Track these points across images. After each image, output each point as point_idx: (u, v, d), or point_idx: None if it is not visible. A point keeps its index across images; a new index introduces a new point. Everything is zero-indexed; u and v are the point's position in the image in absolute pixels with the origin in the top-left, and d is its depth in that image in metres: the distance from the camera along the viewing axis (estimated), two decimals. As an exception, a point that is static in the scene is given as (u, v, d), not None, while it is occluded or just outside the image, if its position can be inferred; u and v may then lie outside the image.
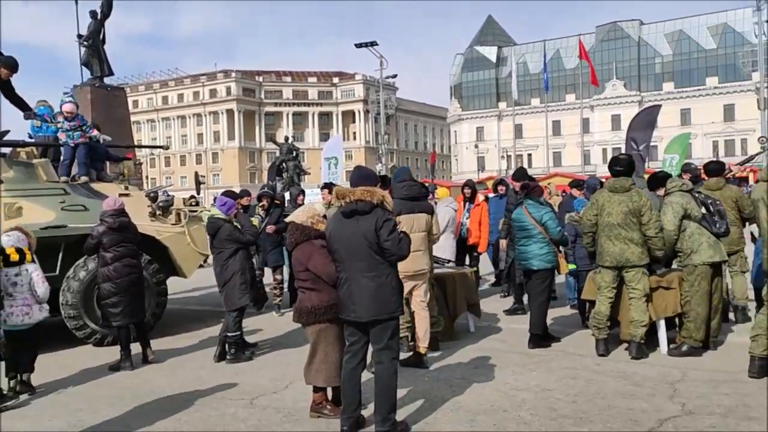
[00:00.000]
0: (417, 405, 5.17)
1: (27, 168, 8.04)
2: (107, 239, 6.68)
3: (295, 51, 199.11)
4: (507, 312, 8.74)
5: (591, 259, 6.92)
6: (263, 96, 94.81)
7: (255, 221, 8.09)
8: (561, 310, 8.91)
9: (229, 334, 6.83)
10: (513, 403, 5.11)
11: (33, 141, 8.79)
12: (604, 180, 7.43)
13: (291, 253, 5.14)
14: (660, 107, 17.40)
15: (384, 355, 4.52)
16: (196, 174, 10.12)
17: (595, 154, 71.21)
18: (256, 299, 7.28)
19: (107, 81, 17.28)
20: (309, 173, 37.18)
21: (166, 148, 14.75)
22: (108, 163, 10.21)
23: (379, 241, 4.39)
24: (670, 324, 6.61)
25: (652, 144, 25.00)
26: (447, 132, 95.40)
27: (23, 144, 8.64)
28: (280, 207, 9.50)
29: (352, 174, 4.66)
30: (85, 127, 8.71)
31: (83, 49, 16.37)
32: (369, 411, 4.74)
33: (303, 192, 10.74)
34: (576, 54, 52.43)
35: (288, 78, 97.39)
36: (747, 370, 5.57)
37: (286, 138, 38.83)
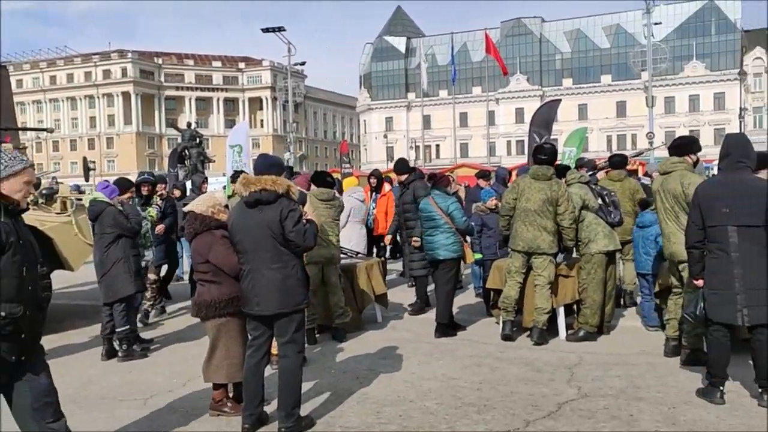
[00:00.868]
0: (322, 398, 5.09)
1: None
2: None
3: (199, 33, 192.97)
4: (412, 313, 8.20)
5: (501, 246, 7.06)
6: (163, 79, 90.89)
7: (153, 212, 7.69)
8: (466, 298, 9.08)
9: (118, 329, 6.44)
10: (419, 393, 5.12)
11: None
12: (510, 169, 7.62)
13: (190, 244, 4.91)
14: (560, 102, 18.03)
15: (289, 349, 4.40)
16: (84, 159, 9.53)
17: (500, 145, 73.32)
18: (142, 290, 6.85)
19: (-14, 58, 15.97)
20: (213, 161, 36.11)
21: (50, 131, 13.82)
22: (-16, 147, 9.40)
23: (284, 232, 4.26)
24: (567, 310, 6.85)
25: (552, 137, 25.94)
26: (356, 121, 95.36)
27: None
28: (169, 199, 8.98)
29: (256, 162, 4.50)
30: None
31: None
32: (272, 407, 4.62)
33: (207, 180, 10.38)
34: (482, 47, 53.58)
35: (190, 61, 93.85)
36: (640, 351, 5.98)
37: (188, 124, 37.45)
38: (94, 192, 6.65)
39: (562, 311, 6.71)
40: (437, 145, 77.40)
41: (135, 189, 7.32)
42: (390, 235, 8.84)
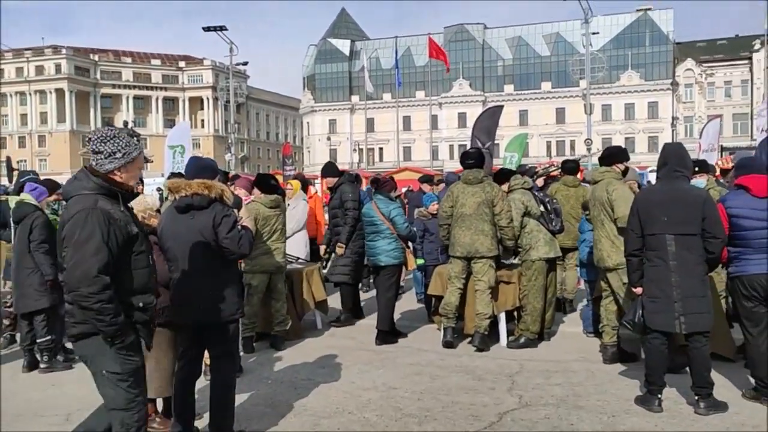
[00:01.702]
0: (258, 411, 4.90)
1: None
2: None
3: (137, 31, 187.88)
4: (337, 324, 7.71)
5: (443, 252, 6.98)
6: (99, 76, 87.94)
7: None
8: (407, 304, 8.99)
9: (39, 339, 6.06)
10: (358, 404, 4.98)
11: None
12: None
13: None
14: (503, 107, 18.22)
15: (222, 362, 4.21)
16: (8, 159, 9.01)
17: (443, 149, 73.94)
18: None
19: None
20: (151, 161, 35.28)
21: None
22: None
23: (218, 239, 4.06)
24: (508, 317, 6.84)
25: (494, 143, 26.21)
26: (299, 123, 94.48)
27: None
28: None
29: (187, 165, 4.28)
30: None
31: None
32: (204, 421, 4.40)
33: (142, 181, 9.96)
34: (426, 52, 53.90)
35: (128, 59, 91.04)
36: (579, 358, 6.02)
37: (125, 123, 36.68)
38: (22, 194, 6.24)
39: (503, 317, 6.69)
40: (380, 149, 77.46)
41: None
42: (324, 245, 8.35)
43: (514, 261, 6.81)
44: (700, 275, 4.51)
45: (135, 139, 3.34)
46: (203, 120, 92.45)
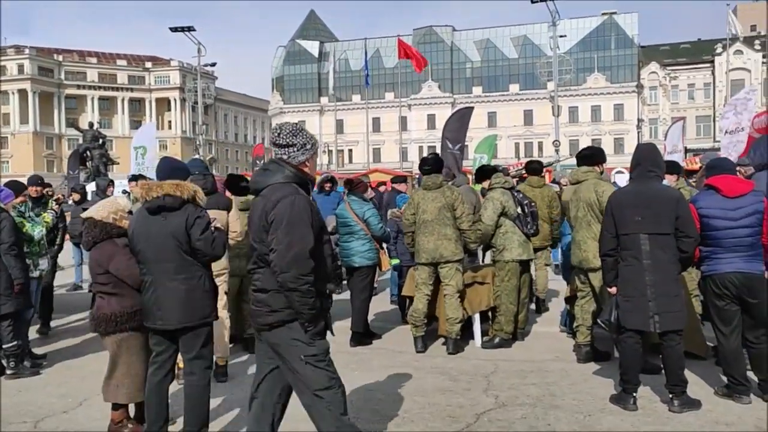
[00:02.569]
0: (232, 416, 4.82)
1: None
2: None
3: (102, 30, 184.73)
4: None
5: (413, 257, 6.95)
6: (64, 77, 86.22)
7: (48, 217, 7.12)
8: (381, 305, 8.95)
9: (5, 345, 5.88)
10: (334, 407, 4.92)
11: None
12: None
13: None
14: (473, 109, 18.32)
15: (196, 365, 4.11)
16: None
17: (413, 151, 74.12)
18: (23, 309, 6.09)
19: None
20: (118, 163, 34.61)
21: None
22: None
23: (191, 241, 3.97)
24: (483, 317, 6.85)
25: (464, 144, 26.38)
26: (268, 124, 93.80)
27: None
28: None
29: (159, 165, 4.18)
30: None
31: None
32: (178, 426, 4.30)
33: (112, 182, 9.79)
34: (395, 54, 53.98)
35: (93, 59, 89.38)
36: (554, 357, 6.05)
37: (90, 124, 35.84)
38: None
39: (477, 318, 6.69)
40: (350, 150, 77.37)
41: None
42: None
43: (478, 262, 6.80)
44: (673, 274, 4.56)
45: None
46: (170, 121, 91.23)
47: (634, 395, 4.66)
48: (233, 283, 6.27)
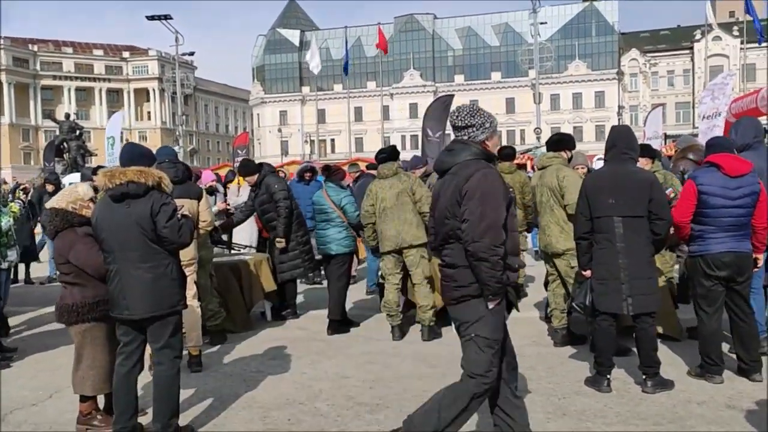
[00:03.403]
0: (205, 405, 4.75)
1: None
2: None
3: (78, 20, 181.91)
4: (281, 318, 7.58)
5: (375, 253, 6.77)
6: (39, 67, 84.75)
7: (15, 207, 6.98)
8: (359, 293, 8.91)
9: None
10: (309, 395, 4.88)
11: None
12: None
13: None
14: (453, 96, 18.25)
15: (164, 355, 4.03)
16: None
17: (395, 140, 73.93)
18: None
19: None
20: (96, 154, 34.18)
21: None
22: None
23: (156, 229, 3.88)
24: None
25: (446, 132, 26.33)
26: (250, 115, 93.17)
27: None
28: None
29: (122, 151, 4.08)
30: None
31: None
32: (149, 417, 4.23)
33: (96, 172, 9.57)
34: (376, 42, 53.74)
35: (69, 49, 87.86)
36: (531, 342, 6.07)
37: (66, 115, 35.26)
38: None
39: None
40: (332, 140, 77.09)
41: None
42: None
43: None
44: (646, 257, 4.54)
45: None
46: (149, 112, 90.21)
47: (608, 377, 4.65)
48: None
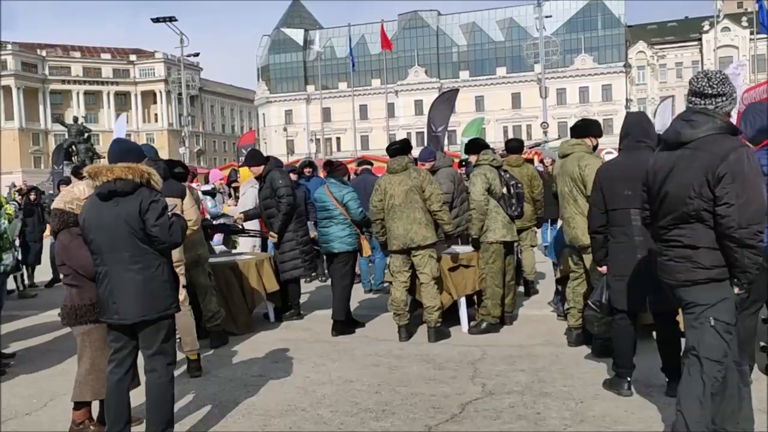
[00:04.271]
0: (203, 412, 4.53)
1: None
2: None
3: (85, 24, 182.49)
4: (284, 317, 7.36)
5: (384, 249, 6.55)
6: (48, 72, 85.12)
7: (10, 208, 6.80)
8: (365, 292, 8.69)
9: None
10: (312, 400, 4.66)
11: None
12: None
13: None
14: (458, 91, 18.06)
15: (157, 362, 3.82)
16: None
17: (401, 137, 73.28)
18: None
19: None
20: (104, 157, 34.05)
21: None
22: None
23: (146, 227, 3.66)
24: (469, 302, 6.58)
25: (450, 129, 26.08)
26: (255, 114, 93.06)
27: None
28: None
29: (109, 148, 3.86)
30: None
31: None
32: (144, 426, 4.02)
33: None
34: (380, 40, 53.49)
35: (77, 53, 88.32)
36: (543, 342, 5.80)
37: (75, 118, 35.45)
38: None
39: (463, 302, 6.42)
40: (338, 138, 76.89)
41: None
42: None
43: (457, 249, 6.53)
44: (667, 251, 4.27)
45: None
46: (156, 114, 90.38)
47: (628, 380, 4.38)
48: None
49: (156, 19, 41.84)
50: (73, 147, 29.73)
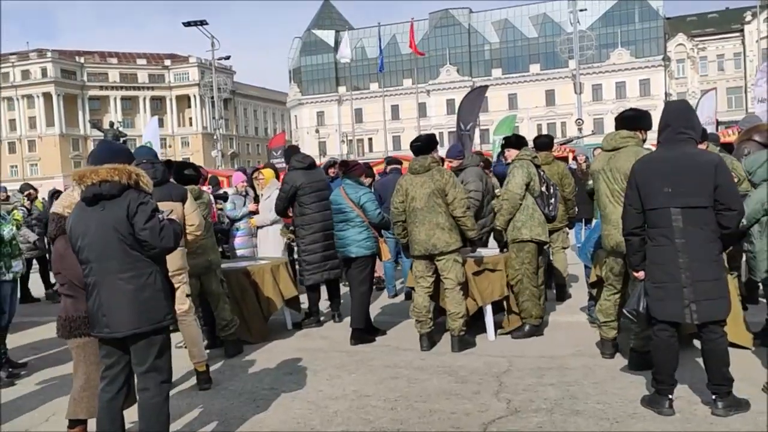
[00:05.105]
0: (207, 430, 4.24)
1: None
2: None
3: (121, 31, 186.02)
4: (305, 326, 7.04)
5: (406, 252, 6.20)
6: (86, 78, 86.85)
7: (18, 214, 6.65)
8: (387, 298, 8.34)
9: None
10: (323, 418, 4.33)
11: None
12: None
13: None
14: (486, 88, 17.62)
15: (150, 380, 3.53)
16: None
17: (433, 137, 73.26)
18: None
19: None
20: (137, 161, 34.52)
21: None
22: None
23: (135, 232, 3.37)
24: (495, 308, 6.18)
25: (483, 127, 25.56)
26: (287, 116, 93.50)
27: None
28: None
29: (94, 150, 3.59)
30: None
31: None
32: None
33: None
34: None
35: (114, 59, 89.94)
36: (575, 352, 5.39)
37: (111, 123, 35.95)
38: None
39: (489, 309, 6.02)
40: (370, 139, 76.67)
41: None
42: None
43: (482, 252, 6.17)
44: (712, 255, 3.81)
45: None
46: (191, 118, 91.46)
47: (669, 397, 3.94)
48: (192, 285, 5.48)
49: (187, 23, 42.22)
50: (108, 152, 30.03)
